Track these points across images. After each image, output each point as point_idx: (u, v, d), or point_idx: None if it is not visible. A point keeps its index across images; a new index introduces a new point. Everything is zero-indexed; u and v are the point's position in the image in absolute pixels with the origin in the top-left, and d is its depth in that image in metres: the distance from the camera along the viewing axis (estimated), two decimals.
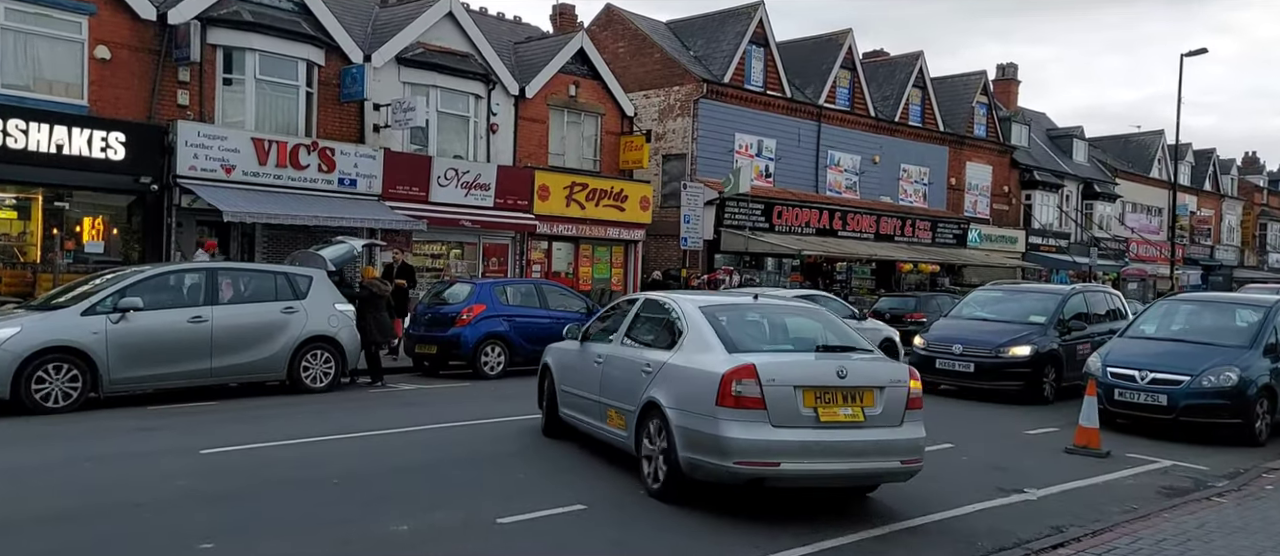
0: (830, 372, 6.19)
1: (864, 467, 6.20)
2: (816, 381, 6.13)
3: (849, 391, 6.15)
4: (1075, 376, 12.70)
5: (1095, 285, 18.12)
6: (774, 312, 7.25)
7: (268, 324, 10.94)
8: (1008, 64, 42.30)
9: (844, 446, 6.05)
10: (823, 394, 6.09)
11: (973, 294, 15.62)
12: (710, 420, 6.04)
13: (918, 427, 6.38)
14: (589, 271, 24.92)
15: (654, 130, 27.29)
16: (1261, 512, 6.40)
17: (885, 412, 6.20)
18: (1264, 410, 9.79)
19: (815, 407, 6.06)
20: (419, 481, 7.00)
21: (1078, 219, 41.14)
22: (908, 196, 33.75)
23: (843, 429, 6.08)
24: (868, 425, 6.15)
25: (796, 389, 6.05)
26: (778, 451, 5.94)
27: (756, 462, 5.95)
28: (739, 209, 26.08)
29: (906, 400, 6.31)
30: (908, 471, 6.36)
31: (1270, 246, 55.14)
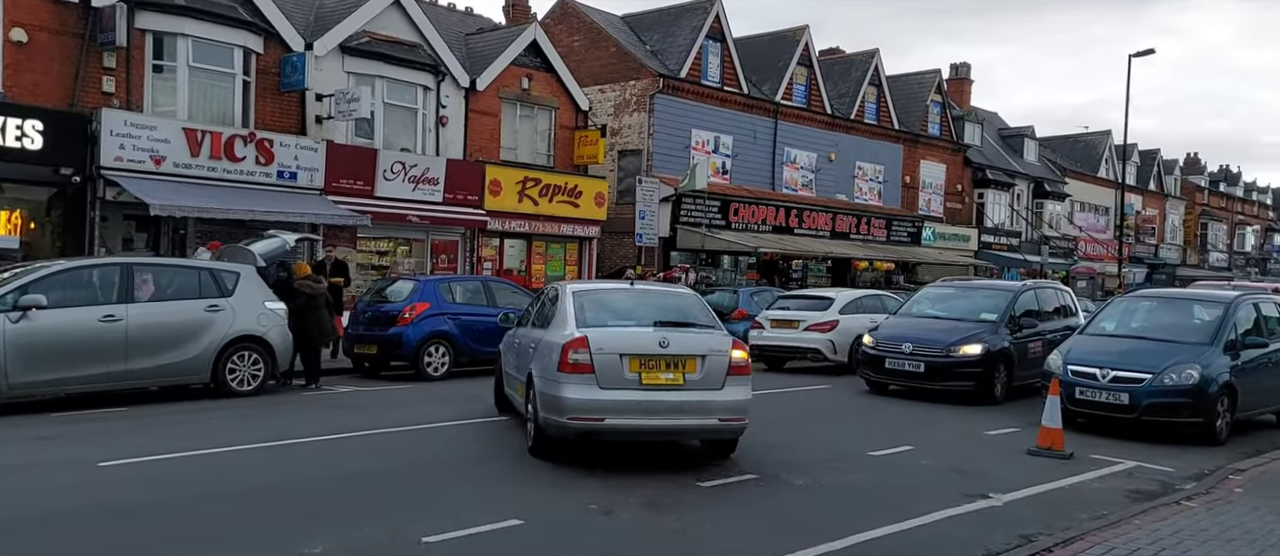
0: (654, 343, 7.19)
1: (683, 423, 7.29)
2: (641, 350, 7.15)
3: (671, 359, 7.16)
4: (1027, 375, 12.53)
5: (1046, 282, 17.72)
6: (640, 295, 8.28)
7: (189, 323, 10.22)
8: (961, 63, 42.63)
9: (663, 405, 7.10)
10: (647, 360, 7.13)
11: (923, 290, 15.18)
12: (555, 384, 7.14)
13: (740, 391, 7.34)
14: (543, 269, 24.34)
15: (609, 125, 26.80)
16: (1235, 518, 6.14)
17: (706, 377, 7.21)
18: (1224, 409, 9.64)
19: (639, 372, 7.11)
20: (345, 493, 6.45)
21: (1028, 217, 41.60)
22: (863, 194, 33.73)
23: (663, 390, 7.12)
24: (688, 388, 7.17)
25: (623, 356, 7.09)
26: (603, 408, 7.03)
27: (585, 418, 7.06)
28: (696, 206, 25.73)
29: (728, 367, 7.29)
30: (729, 428, 7.41)
31: (1210, 245, 56.51)
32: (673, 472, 7.34)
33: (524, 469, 7.47)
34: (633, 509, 6.17)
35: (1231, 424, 9.80)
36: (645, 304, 7.97)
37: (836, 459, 8.15)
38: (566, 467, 7.45)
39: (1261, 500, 6.72)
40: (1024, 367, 12.51)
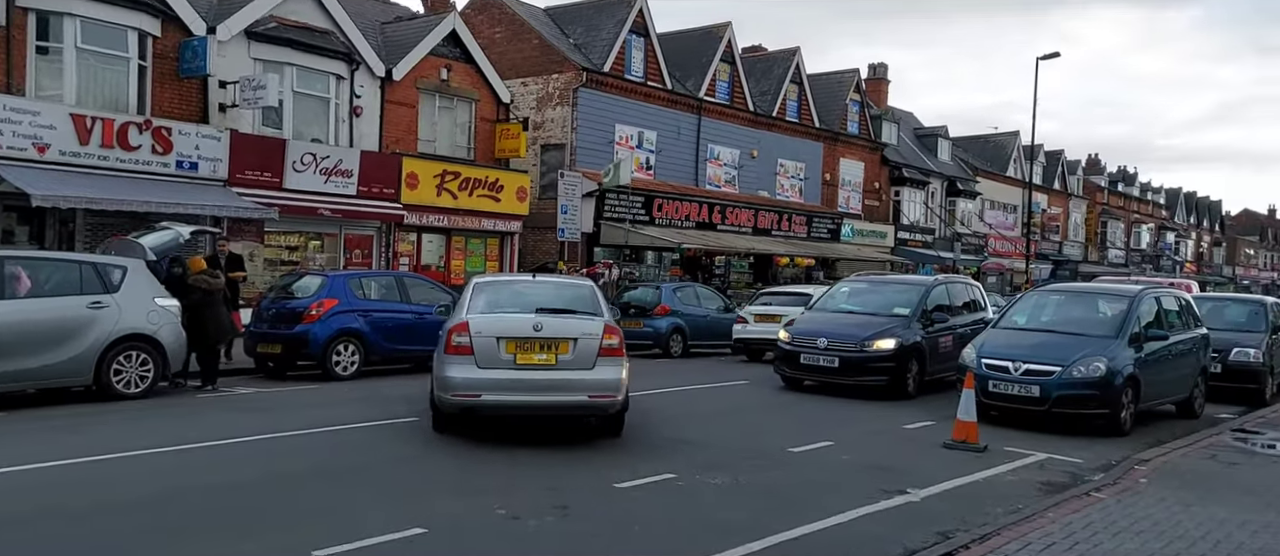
0: (528, 327, 7.91)
1: (555, 399, 7.95)
2: (516, 333, 7.88)
3: (545, 341, 7.88)
4: (938, 369, 12.65)
5: (957, 277, 17.85)
6: (534, 286, 9.02)
7: (69, 320, 9.46)
8: (878, 64, 43.50)
9: (535, 383, 7.82)
10: (522, 343, 7.86)
11: (837, 285, 15.20)
12: (442, 364, 7.92)
13: (611, 371, 7.95)
14: (462, 265, 23.77)
15: (532, 119, 26.36)
16: (1143, 510, 6.22)
17: (577, 358, 7.89)
18: (1129, 400, 9.90)
19: (515, 353, 7.84)
20: (234, 503, 5.99)
21: (942, 215, 42.75)
22: (785, 191, 34.07)
23: (536, 370, 7.85)
24: (560, 368, 7.87)
25: (500, 339, 7.84)
26: (480, 386, 7.77)
27: (465, 394, 7.81)
28: (619, 201, 25.51)
29: (598, 349, 7.95)
30: (599, 405, 8.04)
31: (1109, 243, 59.18)
32: (588, 474, 7.10)
33: (433, 473, 7.11)
34: (543, 514, 5.90)
35: (1135, 415, 10.08)
36: (535, 294, 8.71)
37: (756, 456, 8.03)
38: (477, 470, 7.14)
39: (1167, 490, 6.85)
40: (936, 362, 12.61)
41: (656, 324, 18.24)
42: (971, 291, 14.81)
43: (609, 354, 7.98)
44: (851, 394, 11.99)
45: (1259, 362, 13.26)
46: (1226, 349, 13.07)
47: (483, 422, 8.44)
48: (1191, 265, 67.96)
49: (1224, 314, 14.35)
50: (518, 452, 7.85)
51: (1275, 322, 14.48)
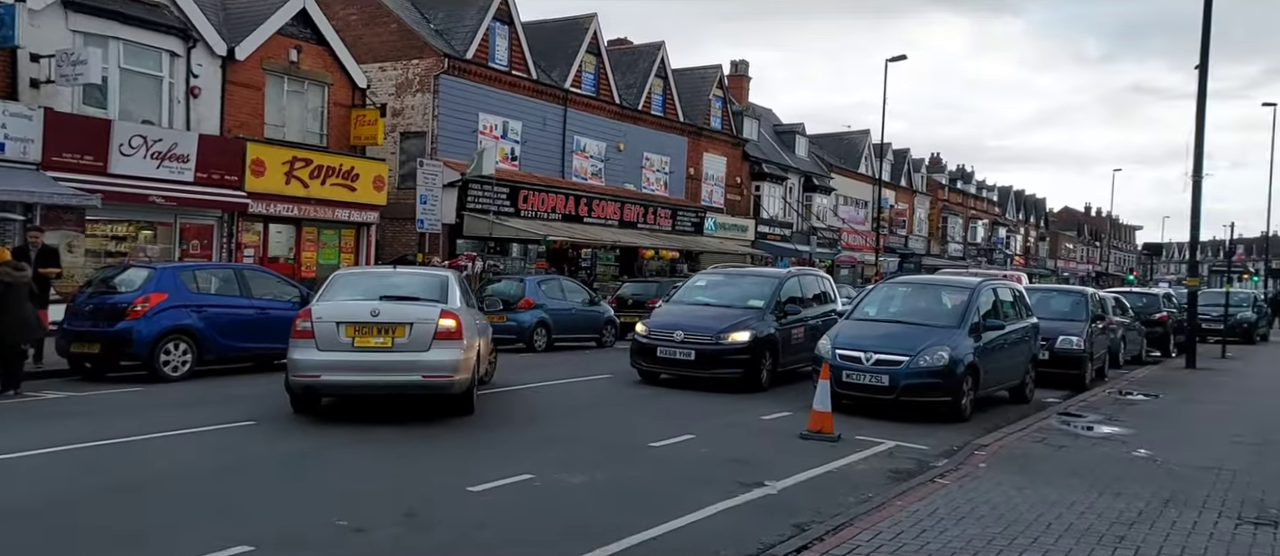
0: (366, 312, 8.61)
1: (390, 379, 8.58)
2: (354, 318, 8.59)
3: (382, 326, 8.57)
4: (790, 360, 12.88)
5: (808, 268, 18.07)
6: (384, 277, 9.87)
7: None
8: (740, 61, 44.52)
9: (371, 363, 8.51)
10: (360, 327, 8.55)
11: (694, 277, 15.18)
12: (290, 348, 8.72)
13: (446, 353, 8.59)
14: (314, 257, 22.57)
15: (390, 105, 25.33)
16: (983, 495, 6.51)
17: (412, 341, 8.56)
18: (969, 387, 10.43)
19: (353, 337, 8.53)
20: (30, 529, 5.31)
21: (799, 209, 44.29)
22: (650, 184, 34.31)
23: (373, 352, 8.52)
24: (395, 350, 8.53)
25: (339, 324, 8.55)
26: (320, 367, 8.50)
27: (306, 375, 8.58)
28: (483, 192, 24.92)
29: (433, 333, 8.60)
30: (434, 384, 8.61)
31: (950, 237, 63.13)
32: (440, 477, 6.77)
33: (265, 481, 6.59)
34: (389, 523, 5.55)
35: (975, 401, 10.64)
36: (384, 283, 9.44)
37: (617, 452, 7.92)
38: (316, 477, 6.69)
39: (1003, 475, 7.21)
40: (788, 353, 12.80)
41: (520, 317, 17.89)
42: (822, 283, 15.08)
43: (445, 337, 8.63)
44: (708, 386, 12.02)
45: (1081, 349, 14.35)
46: (1053, 337, 14.06)
47: (334, 416, 7.92)
48: (1020, 258, 73.48)
49: (1050, 304, 15.43)
50: (364, 455, 7.42)
51: (1095, 312, 15.72)
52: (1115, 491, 6.72)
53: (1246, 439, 9.24)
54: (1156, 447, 8.58)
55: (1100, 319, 15.97)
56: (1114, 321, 17.23)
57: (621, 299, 23.49)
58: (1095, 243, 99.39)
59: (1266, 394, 13.60)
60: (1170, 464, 7.81)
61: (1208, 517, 6.01)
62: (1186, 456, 8.19)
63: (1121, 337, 17.70)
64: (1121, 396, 12.69)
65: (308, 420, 9.00)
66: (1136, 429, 9.72)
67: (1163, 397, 12.70)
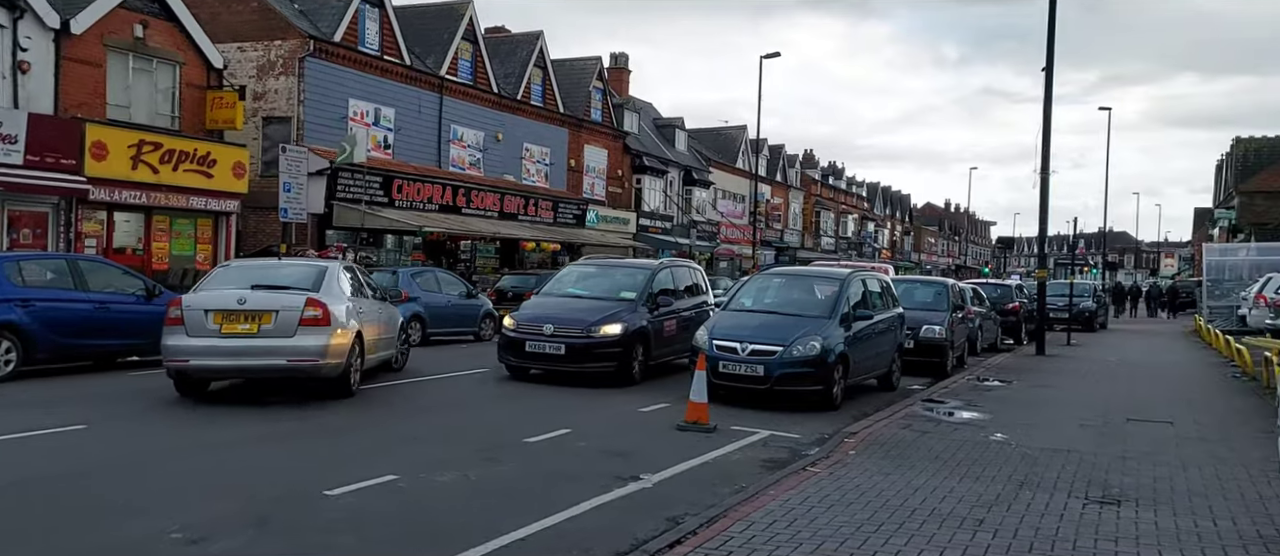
0: (232, 300, 9.19)
1: (256, 363, 9.22)
2: (221, 306, 9.17)
3: (248, 313, 9.16)
4: (663, 353, 12.77)
5: (680, 260, 17.58)
6: (271, 267, 10.58)
7: None
8: (620, 53, 44.53)
9: (238, 349, 9.11)
10: (227, 315, 9.14)
11: (566, 269, 14.63)
12: (164, 335, 9.32)
13: (312, 339, 9.16)
14: (167, 248, 21.09)
15: (251, 88, 23.91)
16: (852, 482, 6.62)
17: (278, 328, 9.12)
18: (840, 376, 10.69)
19: (220, 324, 9.10)
20: None
21: (679, 203, 44.77)
22: (531, 176, 33.87)
23: (240, 338, 9.10)
24: (261, 336, 9.09)
25: (207, 311, 9.14)
26: (189, 352, 9.13)
27: (176, 360, 9.22)
28: (354, 181, 23.89)
29: (299, 320, 9.16)
30: (299, 368, 9.22)
31: (823, 231, 65.42)
32: (295, 479, 6.33)
33: (98, 489, 5.98)
34: (233, 533, 5.11)
35: (845, 390, 10.92)
36: (261, 274, 9.98)
37: (488, 449, 7.65)
38: (157, 481, 6.13)
39: (871, 461, 7.38)
40: (660, 346, 12.65)
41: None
42: (694, 275, 14.84)
43: (310, 324, 9.18)
44: (582, 381, 11.61)
45: (944, 338, 15.02)
46: (918, 326, 14.65)
47: (184, 414, 7.28)
48: (887, 252, 76.97)
49: (914, 295, 16.09)
50: (213, 458, 6.88)
51: (955, 302, 16.51)
52: (975, 475, 6.97)
53: (1091, 422, 9.84)
54: (1011, 431, 9.01)
55: (960, 309, 16.78)
56: (972, 311, 18.16)
57: (501, 292, 23.06)
58: (955, 237, 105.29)
59: (1107, 379, 14.62)
60: (1024, 447, 8.20)
61: (1058, 498, 6.31)
62: (1038, 439, 8.64)
63: (979, 326, 18.68)
64: (979, 383, 13.34)
65: (153, 419, 8.31)
66: (993, 414, 10.20)
67: (1016, 383, 13.43)
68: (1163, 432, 9.23)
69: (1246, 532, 5.54)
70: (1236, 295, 27.81)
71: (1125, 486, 6.72)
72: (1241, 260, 30.87)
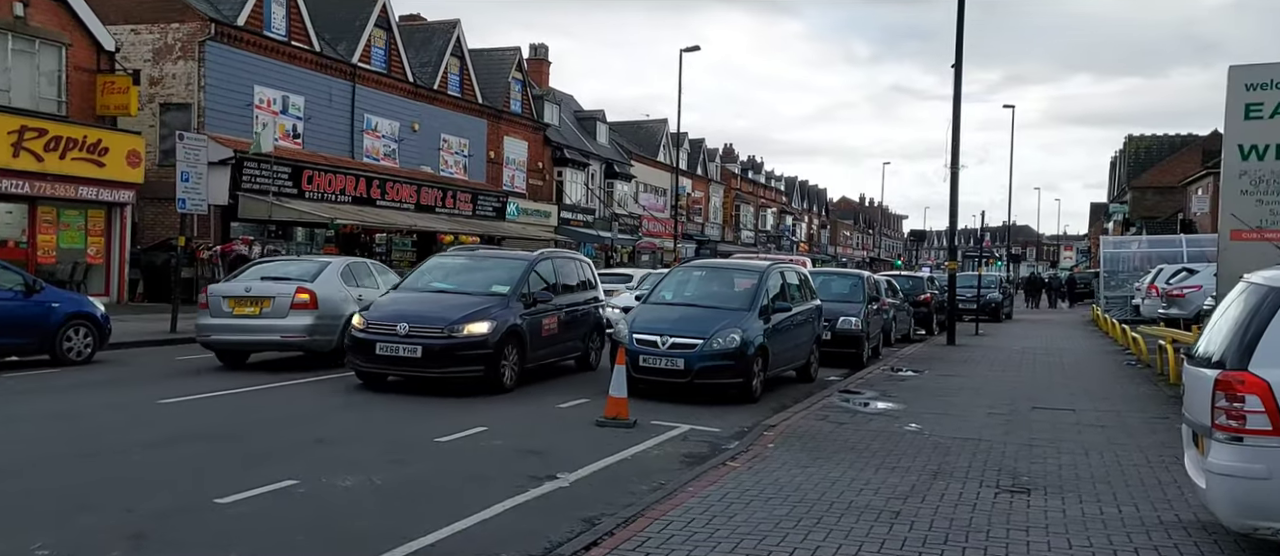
0: (241, 289, 12.04)
1: (257, 338, 11.95)
2: (233, 293, 12.04)
3: (253, 299, 11.87)
4: (542, 355, 11.35)
5: (565, 251, 15.81)
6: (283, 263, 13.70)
7: None
8: (539, 44, 44.09)
9: (243, 327, 11.85)
10: (237, 300, 11.92)
11: (431, 260, 12.95)
12: (199, 316, 12.33)
13: (299, 319, 11.76)
14: (53, 240, 19.87)
15: (147, 73, 22.70)
16: (770, 476, 6.57)
17: (274, 310, 11.77)
18: (759, 368, 10.68)
19: (233, 307, 11.90)
20: None
21: (601, 196, 44.59)
22: (449, 167, 33.18)
23: (245, 318, 11.83)
24: (262, 316, 11.79)
25: (224, 298, 11.98)
26: (209, 329, 12.00)
27: (202, 336, 12.13)
28: (261, 171, 22.94)
29: (290, 304, 11.75)
30: (290, 342, 11.96)
31: (742, 224, 66.22)
32: (183, 487, 5.92)
33: None
34: (110, 547, 4.71)
35: (765, 382, 10.93)
36: (272, 268, 13.09)
37: (397, 449, 7.34)
38: (32, 493, 5.63)
39: (789, 454, 7.36)
40: (538, 347, 11.15)
41: None
42: (583, 269, 13.40)
43: (298, 308, 11.79)
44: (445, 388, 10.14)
45: (859, 329, 15.25)
46: (834, 318, 14.83)
47: (78, 418, 6.69)
48: (804, 245, 78.44)
49: (831, 287, 16.29)
50: (96, 466, 6.38)
51: (871, 294, 16.79)
52: (891, 466, 7.02)
53: (999, 411, 10.09)
54: (924, 421, 9.15)
55: (875, 300, 17.08)
56: (887, 303, 18.53)
57: None
58: (869, 230, 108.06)
59: (1012, 368, 15.09)
60: (937, 437, 8.32)
61: (971, 487, 6.39)
62: (950, 429, 8.78)
63: (893, 318, 19.08)
64: (894, 373, 13.58)
65: (24, 427, 7.68)
66: (907, 404, 10.36)
67: (928, 373, 13.73)
68: (1066, 420, 9.52)
69: (1148, 518, 5.70)
70: (1130, 286, 29.25)
71: (1033, 474, 6.86)
72: (1134, 252, 32.49)
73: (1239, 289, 5.29)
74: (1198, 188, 40.73)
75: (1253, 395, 4.53)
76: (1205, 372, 4.91)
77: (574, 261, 13.49)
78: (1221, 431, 4.66)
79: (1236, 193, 11.53)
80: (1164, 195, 50.11)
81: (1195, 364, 5.22)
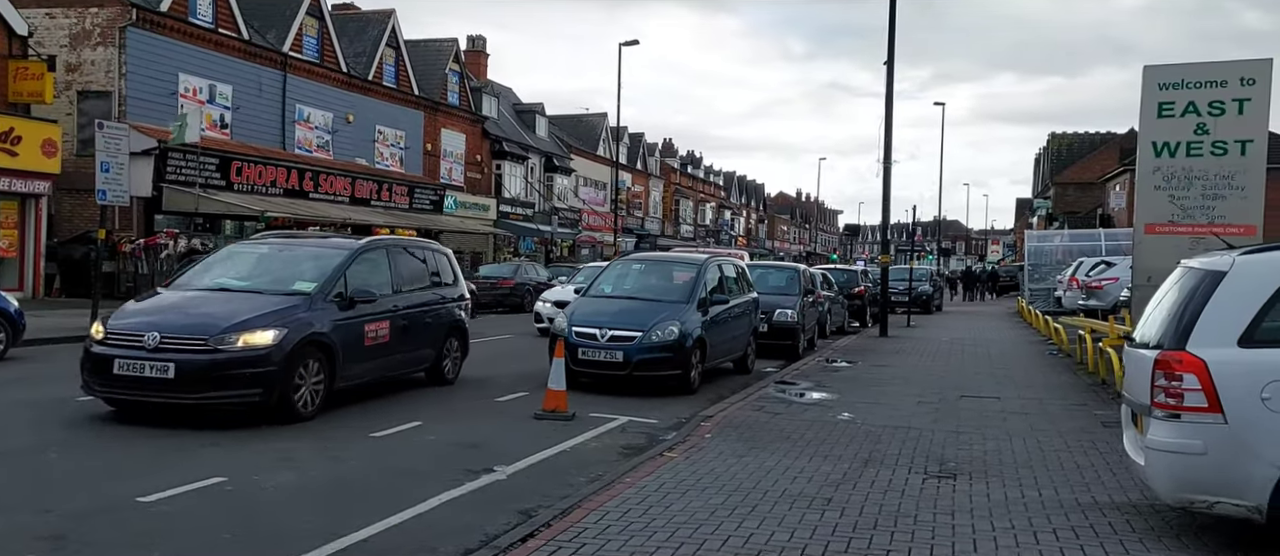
0: None
1: None
2: None
3: None
4: (361, 370, 8.94)
5: (407, 239, 13.52)
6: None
7: None
8: (477, 36, 43.59)
9: None
10: None
11: (226, 249, 10.27)
12: None
13: None
14: None
15: (63, 59, 21.78)
16: (707, 466, 6.65)
17: None
18: (697, 360, 10.79)
19: None
20: None
21: (541, 190, 44.34)
22: (385, 159, 32.61)
23: None
24: None
25: None
26: None
27: None
28: (186, 162, 22.22)
29: None
30: None
31: (682, 219, 66.58)
32: (107, 486, 5.72)
33: None
34: (26, 551, 4.53)
35: (703, 373, 11.04)
36: None
37: (331, 444, 7.21)
38: None
39: (726, 443, 7.46)
40: (358, 360, 8.82)
41: None
42: (436, 261, 10.85)
43: None
44: (207, 418, 7.75)
45: (795, 322, 15.50)
46: (771, 310, 15.05)
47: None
48: (742, 239, 79.28)
49: (768, 280, 16.51)
50: (8, 464, 6.11)
51: (806, 287, 17.08)
52: (824, 454, 7.17)
53: (928, 400, 10.37)
54: (857, 411, 9.36)
55: (811, 293, 17.38)
56: (822, 295, 18.86)
57: None
58: (805, 225, 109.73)
59: (941, 357, 15.52)
60: (868, 425, 8.53)
61: (900, 474, 6.57)
62: (881, 417, 9.00)
63: (828, 310, 19.43)
64: (828, 364, 13.84)
65: None
66: (840, 394, 10.58)
67: (861, 364, 14.04)
68: (991, 407, 9.84)
69: (1066, 500, 5.93)
70: (1053, 279, 30.33)
71: (960, 460, 7.09)
72: (1057, 245, 33.70)
73: (1177, 273, 5.45)
74: (1116, 184, 42.43)
75: (1190, 374, 4.66)
76: (1145, 353, 5.05)
77: (422, 251, 10.85)
78: (1160, 409, 4.79)
79: (1150, 188, 12.04)
80: (1085, 191, 52.02)
81: (1135, 346, 5.40)
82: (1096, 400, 10.49)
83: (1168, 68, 12.00)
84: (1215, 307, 4.80)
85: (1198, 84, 11.56)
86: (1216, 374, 4.65)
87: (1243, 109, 11.38)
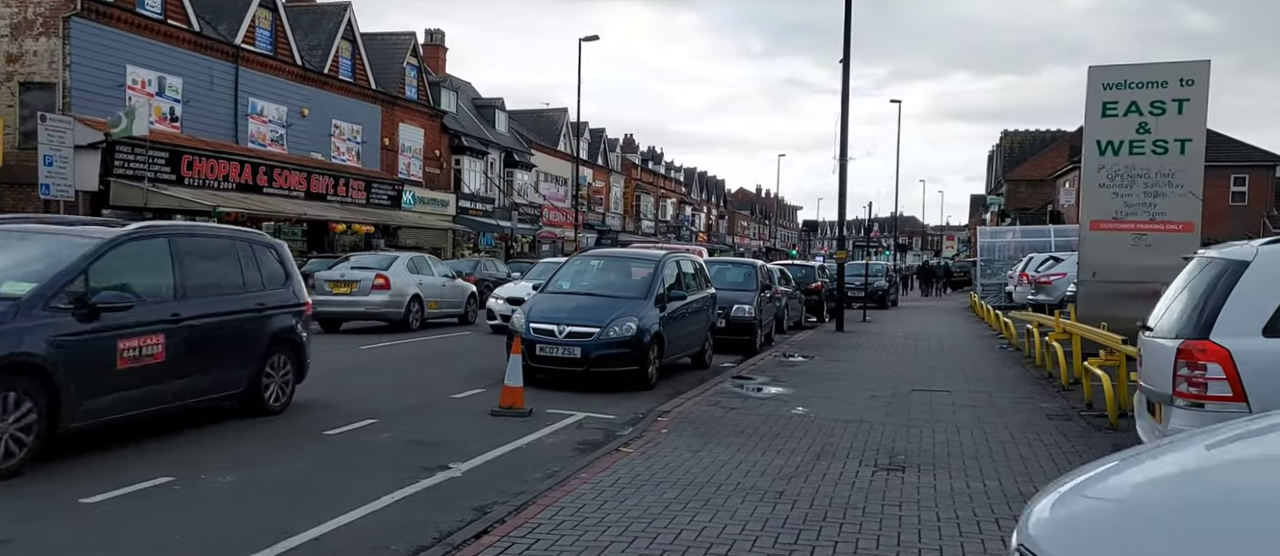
0: (339, 274, 17.27)
1: (349, 310, 16.82)
2: (333, 278, 17.08)
3: (346, 281, 16.95)
4: (128, 401, 6.70)
5: (168, 224, 9.19)
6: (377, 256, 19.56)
7: None
8: (435, 30, 43.19)
9: (337, 301, 16.73)
10: (334, 283, 16.96)
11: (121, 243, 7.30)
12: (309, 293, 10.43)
13: (377, 296, 16.82)
14: None
15: (2, 48, 21.13)
16: (662, 461, 6.71)
17: (359, 290, 16.78)
18: (655, 356, 10.85)
19: (332, 288, 16.81)
20: None
21: (501, 185, 44.08)
22: (341, 154, 32.17)
23: (340, 295, 16.79)
24: (352, 294, 16.79)
25: (327, 282, 16.92)
26: (316, 304, 11.99)
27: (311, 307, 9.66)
28: (135, 156, 21.69)
29: (371, 286, 16.77)
30: (373, 313, 17.02)
31: (643, 214, 66.68)
32: (46, 488, 5.60)
33: None
34: None
35: (660, 369, 11.11)
36: (362, 260, 18.55)
37: (282, 442, 7.15)
38: None
39: (681, 438, 7.53)
40: (105, 390, 6.50)
41: None
42: (259, 254, 8.43)
43: (377, 287, 16.76)
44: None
45: (752, 317, 15.65)
46: (728, 305, 15.18)
47: None
48: (703, 235, 79.64)
49: (725, 276, 16.65)
50: None
51: (764, 283, 17.24)
52: (777, 448, 7.27)
53: (881, 394, 10.56)
54: (811, 405, 9.49)
55: (768, 288, 17.55)
56: (779, 291, 19.05)
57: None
58: (765, 220, 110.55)
59: (895, 352, 15.79)
60: (822, 419, 8.66)
61: (851, 467, 6.69)
62: (834, 411, 9.15)
63: (786, 305, 19.63)
64: (785, 359, 14.00)
65: None
66: (796, 388, 10.72)
67: (817, 358, 14.22)
68: (942, 401, 10.05)
69: (1010, 491, 6.10)
70: (1005, 274, 30.98)
71: (909, 453, 7.24)
72: (1009, 241, 34.41)
73: (1195, 264, 5.47)
74: (1065, 181, 43.42)
75: (1214, 363, 4.68)
76: (1166, 343, 5.04)
77: (234, 243, 8.28)
78: (1183, 398, 4.80)
79: (1095, 186, 12.37)
80: (1036, 187, 53.13)
81: (1153, 336, 5.38)
82: (1043, 393, 10.77)
83: (1112, 68, 12.34)
84: (1239, 297, 4.78)
85: (1140, 84, 11.91)
86: (1241, 363, 4.65)
87: (1182, 109, 11.74)
